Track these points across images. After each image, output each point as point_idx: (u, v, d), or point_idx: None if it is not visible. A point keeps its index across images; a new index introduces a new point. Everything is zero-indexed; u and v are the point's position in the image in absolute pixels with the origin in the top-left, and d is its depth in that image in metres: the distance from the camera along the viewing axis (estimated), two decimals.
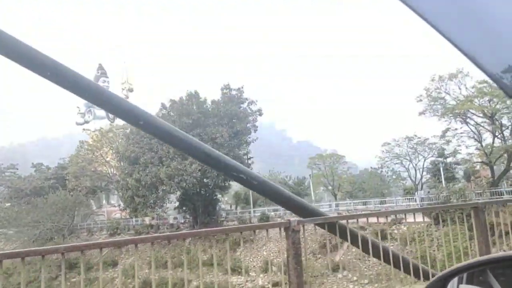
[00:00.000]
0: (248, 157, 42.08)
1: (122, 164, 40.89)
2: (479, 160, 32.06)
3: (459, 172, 35.43)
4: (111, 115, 70.09)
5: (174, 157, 37.71)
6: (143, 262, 37.63)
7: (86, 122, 67.05)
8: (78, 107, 71.42)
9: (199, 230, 6.22)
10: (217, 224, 41.19)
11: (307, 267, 28.35)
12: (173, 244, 35.95)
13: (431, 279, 2.25)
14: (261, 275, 31.69)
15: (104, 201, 57.15)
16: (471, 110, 29.84)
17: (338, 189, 62.66)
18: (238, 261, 32.80)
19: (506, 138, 30.76)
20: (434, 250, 18.52)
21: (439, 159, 34.40)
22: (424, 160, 38.36)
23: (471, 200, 24.68)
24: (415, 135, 38.21)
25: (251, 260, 34.66)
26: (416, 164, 39.57)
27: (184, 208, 42.99)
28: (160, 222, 46.51)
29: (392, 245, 29.74)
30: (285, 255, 4.80)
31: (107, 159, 47.97)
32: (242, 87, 42.61)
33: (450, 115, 30.36)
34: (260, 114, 43.16)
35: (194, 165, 37.14)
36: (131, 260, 39.50)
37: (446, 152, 33.97)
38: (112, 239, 40.23)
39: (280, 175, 69.32)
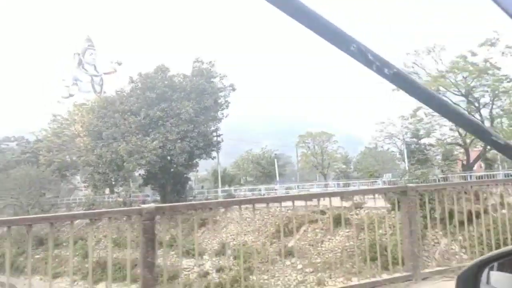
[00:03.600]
0: (217, 134, 39.98)
1: (85, 139, 39.31)
2: (453, 142, 29.53)
3: (436, 155, 32.87)
4: (97, 88, 69.20)
5: (135, 133, 35.90)
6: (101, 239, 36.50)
7: (71, 95, 65.73)
8: (63, 80, 70.24)
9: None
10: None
11: (263, 250, 26.07)
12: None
13: (462, 269, 1.91)
14: (214, 259, 30.16)
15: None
16: (444, 87, 27.13)
17: (327, 169, 60.52)
18: (193, 243, 31.32)
19: (484, 118, 28.09)
20: (386, 238, 16.59)
21: (414, 139, 31.84)
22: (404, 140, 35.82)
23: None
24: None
25: (209, 242, 33.14)
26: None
27: (150, 186, 41.43)
28: (132, 199, 45.45)
29: (348, 231, 27.29)
30: None
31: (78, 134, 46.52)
32: (214, 61, 40.29)
33: None
34: (233, 89, 40.87)
35: (155, 142, 35.34)
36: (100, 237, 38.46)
37: (420, 133, 31.40)
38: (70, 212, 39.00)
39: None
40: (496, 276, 1.77)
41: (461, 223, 6.53)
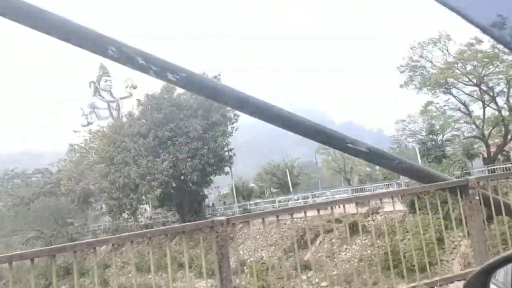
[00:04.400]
0: (228, 148, 39.35)
1: (99, 166, 39.49)
2: (470, 135, 27.76)
3: (457, 151, 30.97)
4: (114, 114, 70.22)
5: (145, 155, 35.74)
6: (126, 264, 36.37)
7: (90, 123, 66.90)
8: (81, 109, 71.60)
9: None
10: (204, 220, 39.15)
11: (278, 266, 25.14)
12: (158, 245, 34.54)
13: (472, 273, 1.88)
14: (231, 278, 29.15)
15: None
16: (454, 78, 25.57)
17: (350, 173, 58.95)
18: (212, 262, 30.66)
19: (501, 107, 26.29)
20: (405, 244, 15.41)
21: (430, 136, 30.13)
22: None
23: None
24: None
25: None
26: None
27: (166, 207, 41.17)
28: (153, 222, 45.40)
29: (366, 239, 25.76)
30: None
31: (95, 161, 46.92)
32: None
33: (429, 86, 26.22)
34: None
35: (165, 163, 35.09)
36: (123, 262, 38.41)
37: (436, 129, 29.67)
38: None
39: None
40: (505, 280, 1.70)
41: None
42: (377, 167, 60.94)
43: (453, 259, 20.08)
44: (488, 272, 1.73)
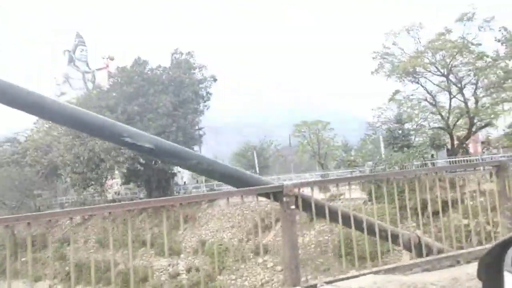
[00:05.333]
0: (199, 127, 38.73)
1: (65, 138, 38.39)
2: (436, 125, 27.75)
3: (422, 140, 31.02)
4: (89, 85, 68.42)
5: None
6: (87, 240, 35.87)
7: (63, 93, 64.99)
8: (55, 78, 69.55)
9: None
10: None
11: (236, 248, 24.93)
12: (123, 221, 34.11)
13: (487, 249, 1.77)
14: (190, 258, 29.15)
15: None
16: (423, 67, 25.32)
17: (324, 158, 59.06)
18: (175, 241, 30.52)
19: (468, 99, 26.23)
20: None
21: (397, 125, 30.03)
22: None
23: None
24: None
25: (188, 240, 32.13)
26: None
27: (133, 183, 40.58)
28: (121, 197, 44.79)
29: (324, 225, 25.77)
30: None
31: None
32: (193, 51, 38.93)
33: (398, 74, 25.97)
34: (215, 80, 39.51)
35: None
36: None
37: (403, 118, 29.55)
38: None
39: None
40: None
41: (436, 213, 6.00)
42: (353, 152, 61.33)
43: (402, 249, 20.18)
44: (503, 248, 1.67)
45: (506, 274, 1.64)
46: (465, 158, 24.18)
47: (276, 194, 3.99)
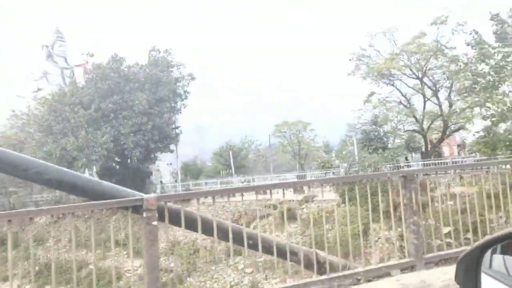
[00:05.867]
0: (175, 126, 38.19)
1: (38, 135, 37.50)
2: (411, 128, 27.84)
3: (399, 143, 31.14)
4: (67, 81, 66.99)
5: (84, 127, 34.12)
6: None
7: (39, 89, 63.56)
8: (32, 73, 68.02)
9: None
10: None
11: (209, 250, 24.42)
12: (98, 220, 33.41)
13: (464, 252, 1.79)
14: (161, 259, 28.53)
15: None
16: (397, 71, 25.33)
17: (304, 158, 59.04)
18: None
19: (442, 102, 26.33)
20: (332, 234, 15.02)
21: (373, 127, 30.04)
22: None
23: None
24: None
25: (162, 241, 31.48)
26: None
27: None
28: None
29: (296, 227, 25.41)
30: None
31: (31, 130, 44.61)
32: (170, 49, 38.40)
33: (373, 76, 25.95)
34: (193, 78, 39.03)
35: (105, 136, 33.63)
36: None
37: (379, 120, 29.59)
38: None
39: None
40: (499, 259, 1.65)
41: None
42: (333, 153, 61.33)
43: (372, 253, 20.08)
44: (481, 250, 1.67)
45: (483, 276, 1.64)
46: (436, 161, 24.29)
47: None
